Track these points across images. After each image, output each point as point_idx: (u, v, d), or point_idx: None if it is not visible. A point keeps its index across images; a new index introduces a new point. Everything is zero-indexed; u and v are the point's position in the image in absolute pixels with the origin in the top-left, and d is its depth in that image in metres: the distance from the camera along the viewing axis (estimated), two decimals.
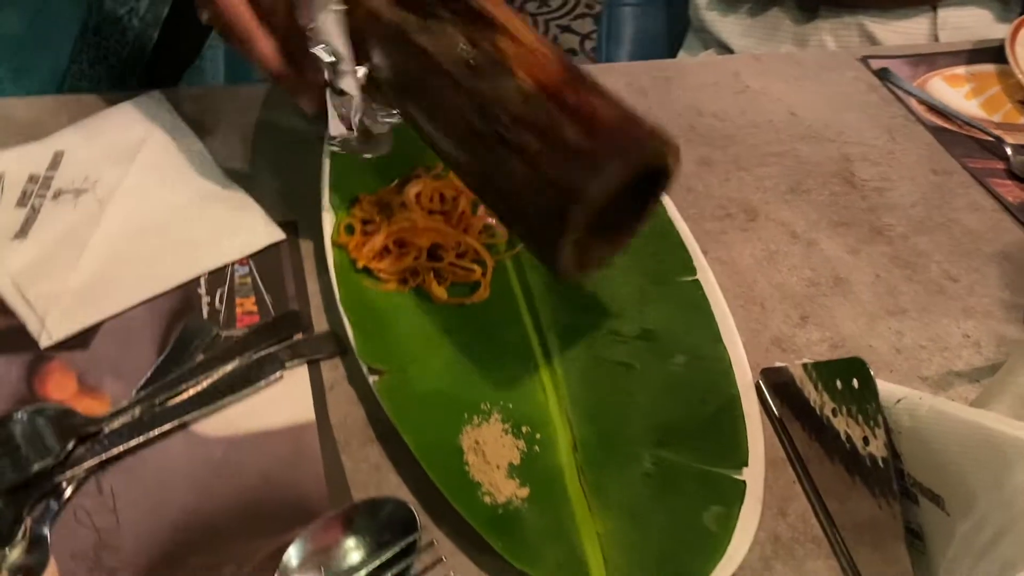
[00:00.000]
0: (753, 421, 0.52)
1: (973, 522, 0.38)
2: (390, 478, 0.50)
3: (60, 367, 0.52)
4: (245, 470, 0.49)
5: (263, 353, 0.54)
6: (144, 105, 0.66)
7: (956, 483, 0.39)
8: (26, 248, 0.56)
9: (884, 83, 0.84)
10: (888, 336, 0.62)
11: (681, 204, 0.68)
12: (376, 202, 0.60)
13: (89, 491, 0.47)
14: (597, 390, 0.53)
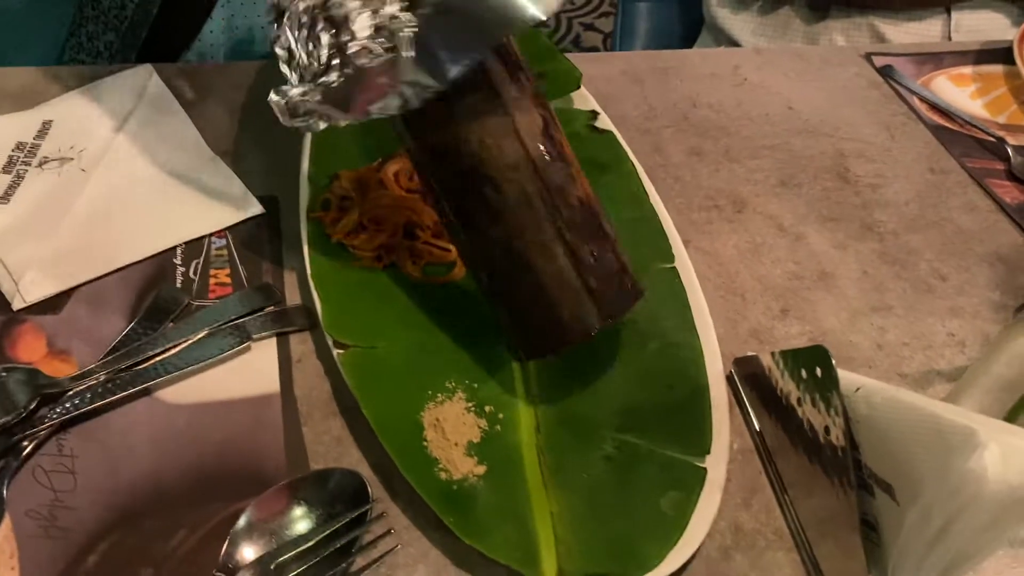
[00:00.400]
0: (720, 410, 0.52)
1: (920, 510, 0.37)
2: (351, 451, 0.49)
3: (31, 329, 0.52)
4: (206, 438, 0.49)
5: (232, 324, 0.54)
6: (134, 78, 0.67)
7: (905, 471, 0.38)
8: (7, 213, 0.57)
9: (887, 80, 0.83)
10: (870, 332, 0.61)
11: (668, 194, 0.68)
12: (355, 179, 0.60)
13: (49, 451, 0.47)
14: (565, 372, 0.53)
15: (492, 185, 0.48)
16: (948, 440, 0.35)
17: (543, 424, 0.51)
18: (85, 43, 0.72)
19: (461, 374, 0.52)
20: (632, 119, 0.74)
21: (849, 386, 0.43)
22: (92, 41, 0.72)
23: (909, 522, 0.38)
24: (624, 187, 0.63)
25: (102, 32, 0.72)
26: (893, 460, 0.39)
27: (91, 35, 0.72)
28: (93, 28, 0.72)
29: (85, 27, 0.72)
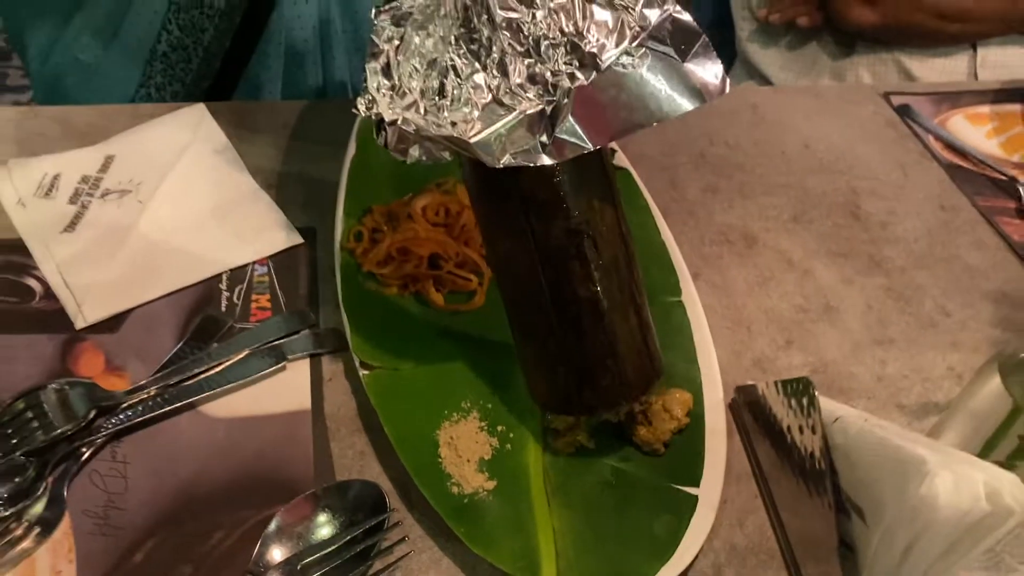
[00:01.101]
0: (717, 436, 0.55)
1: (885, 533, 0.40)
2: (372, 465, 0.54)
3: (91, 347, 0.58)
4: (242, 449, 0.54)
5: (270, 345, 0.59)
6: (189, 116, 0.73)
7: (872, 495, 0.41)
8: (72, 241, 0.63)
9: (903, 119, 0.86)
10: (871, 364, 0.64)
11: (681, 228, 0.71)
12: (386, 212, 0.65)
13: (104, 457, 0.53)
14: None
15: (595, 245, 0.50)
16: (905, 468, 0.38)
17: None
18: (154, 94, 0.79)
19: (476, 396, 0.56)
20: (651, 156, 0.78)
21: (829, 416, 0.46)
22: (160, 92, 0.79)
23: (876, 544, 0.41)
24: (636, 222, 0.67)
25: (168, 83, 0.79)
26: (863, 485, 0.42)
27: (159, 86, 0.79)
28: (161, 80, 0.78)
29: (154, 79, 0.78)
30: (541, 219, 0.50)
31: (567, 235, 0.50)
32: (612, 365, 0.51)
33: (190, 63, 0.77)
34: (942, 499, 0.37)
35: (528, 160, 0.45)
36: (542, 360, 0.53)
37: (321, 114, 0.78)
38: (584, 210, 0.50)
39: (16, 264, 0.62)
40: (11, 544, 0.48)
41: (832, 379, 0.62)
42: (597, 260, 0.50)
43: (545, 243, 0.50)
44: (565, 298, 0.51)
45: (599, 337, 0.51)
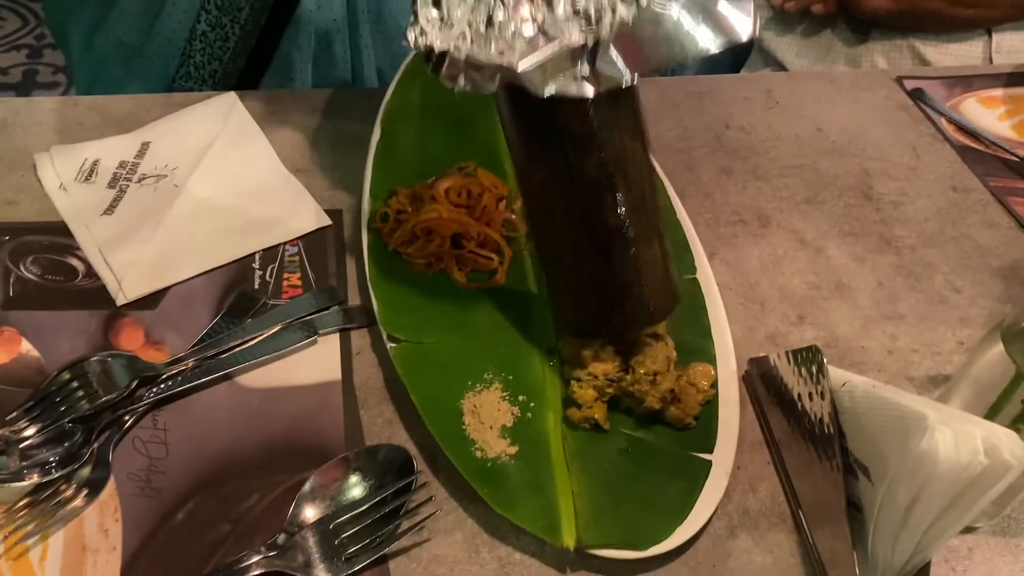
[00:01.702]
0: (731, 406, 0.57)
1: (888, 489, 0.42)
2: (399, 432, 0.57)
3: (131, 322, 0.61)
4: (276, 417, 0.56)
5: (302, 320, 0.62)
6: (221, 104, 0.76)
7: (876, 453, 0.43)
8: (112, 223, 0.66)
9: (916, 103, 0.87)
10: (882, 339, 0.65)
11: (697, 209, 0.73)
12: (410, 195, 0.67)
13: (146, 425, 0.56)
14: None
15: (625, 178, 0.53)
16: (907, 424, 0.40)
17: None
18: (193, 72, 0.82)
19: (498, 367, 0.58)
20: (667, 140, 0.80)
21: (837, 382, 0.48)
22: (199, 70, 0.82)
23: (881, 500, 0.43)
24: None
25: (207, 62, 0.82)
26: (868, 444, 0.44)
27: (198, 65, 0.82)
28: (200, 59, 0.81)
29: (193, 58, 0.81)
30: (577, 152, 0.52)
31: (600, 168, 0.53)
32: (638, 291, 0.55)
33: (227, 42, 0.80)
34: (942, 453, 0.39)
35: (569, 90, 0.48)
36: (572, 288, 0.57)
37: (346, 101, 0.81)
38: (617, 145, 0.53)
39: (60, 245, 0.65)
40: (62, 504, 0.51)
41: (843, 353, 0.64)
42: (627, 192, 0.53)
43: (580, 175, 0.53)
44: (597, 228, 0.54)
45: (627, 265, 0.55)
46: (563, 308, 0.59)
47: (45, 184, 0.69)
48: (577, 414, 0.56)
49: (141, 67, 0.82)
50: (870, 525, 0.45)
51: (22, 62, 2.27)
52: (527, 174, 0.57)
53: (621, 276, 0.55)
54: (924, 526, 0.43)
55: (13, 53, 2.30)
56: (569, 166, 0.53)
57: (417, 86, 0.77)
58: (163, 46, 0.81)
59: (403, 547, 0.50)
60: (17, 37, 2.34)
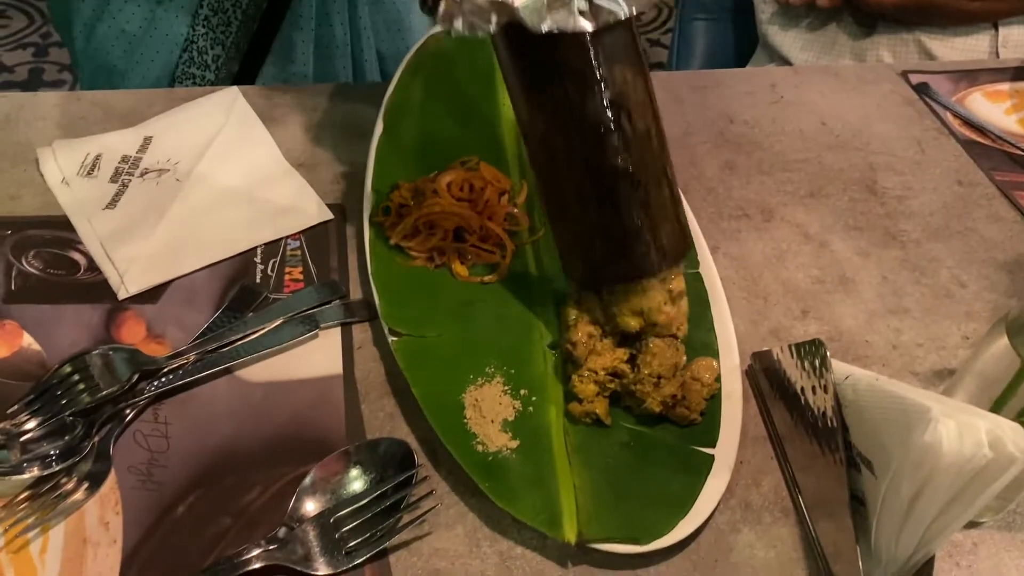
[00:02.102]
0: (733, 399, 0.57)
1: (892, 482, 0.42)
2: (401, 426, 0.56)
3: (133, 316, 0.61)
4: (277, 411, 0.56)
5: (303, 314, 0.61)
6: (223, 99, 0.76)
7: (879, 446, 0.43)
8: (114, 216, 0.66)
9: (921, 97, 0.87)
10: (886, 333, 0.65)
11: (700, 204, 0.73)
12: (412, 188, 0.67)
13: (147, 418, 0.56)
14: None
15: (628, 117, 0.53)
16: (910, 417, 0.40)
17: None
18: (196, 58, 0.82)
19: (500, 361, 0.58)
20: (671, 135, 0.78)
21: (840, 375, 0.47)
22: (202, 55, 0.82)
23: (884, 493, 0.43)
24: None
25: (210, 47, 0.82)
26: (871, 437, 0.44)
27: (201, 50, 0.82)
28: (203, 44, 0.82)
29: (196, 43, 0.82)
30: (578, 90, 0.52)
31: (603, 107, 0.52)
32: (647, 234, 0.54)
33: (229, 26, 0.80)
34: (945, 446, 0.39)
35: (567, 25, 0.48)
36: (579, 235, 0.56)
37: (349, 95, 0.81)
38: (618, 82, 0.52)
39: (62, 239, 0.65)
40: (62, 497, 0.51)
41: (847, 347, 0.64)
42: (631, 132, 0.52)
43: (582, 116, 0.52)
44: (602, 170, 0.53)
45: (634, 207, 0.53)
46: (571, 259, 0.58)
47: (47, 178, 0.69)
48: (578, 408, 0.56)
49: (144, 55, 0.82)
50: (873, 519, 0.45)
51: (28, 60, 2.28)
52: (530, 121, 0.56)
53: (629, 220, 0.54)
54: (928, 520, 0.42)
55: (19, 51, 2.30)
56: (571, 107, 0.52)
57: (420, 80, 0.76)
58: (166, 32, 0.81)
59: (404, 541, 0.50)
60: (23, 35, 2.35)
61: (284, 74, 0.87)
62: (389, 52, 0.94)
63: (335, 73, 0.89)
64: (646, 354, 0.55)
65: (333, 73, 0.89)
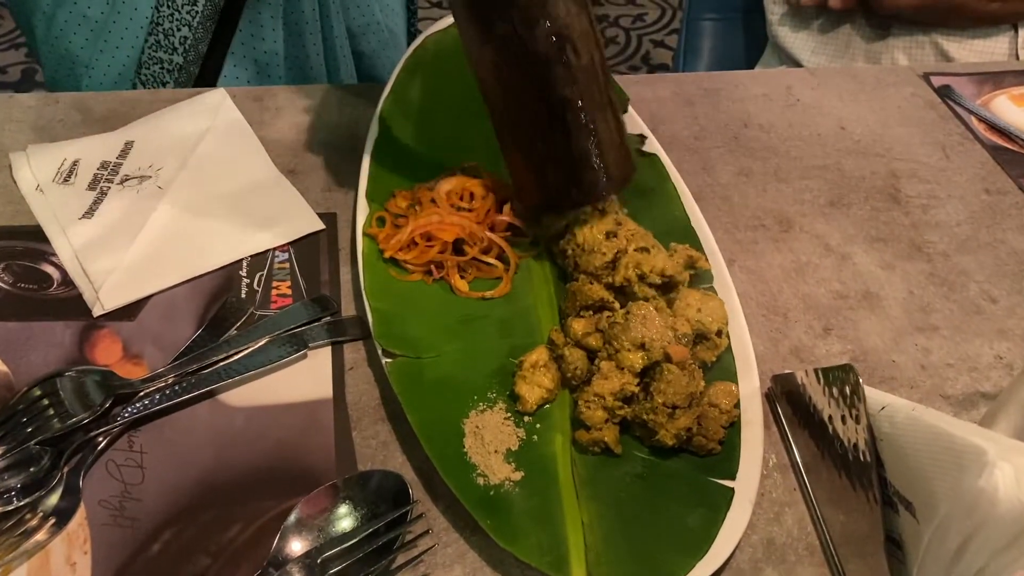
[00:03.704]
0: (754, 427, 0.53)
1: (937, 529, 0.38)
2: (395, 455, 0.52)
3: (108, 335, 0.57)
4: (262, 438, 0.52)
5: (291, 332, 0.57)
6: (209, 101, 0.72)
7: (923, 489, 0.39)
8: (90, 227, 0.62)
9: (944, 100, 0.83)
10: (914, 352, 0.61)
11: (715, 213, 0.69)
12: (409, 197, 0.63)
13: (121, 446, 0.51)
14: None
15: (573, 49, 0.55)
16: (961, 459, 0.36)
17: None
18: (163, 40, 0.79)
19: (503, 385, 0.54)
20: (682, 139, 0.76)
21: (875, 405, 0.43)
22: (168, 38, 0.79)
23: (928, 540, 0.39)
24: (666, 209, 0.65)
25: (177, 29, 0.79)
26: (912, 478, 0.40)
27: (167, 32, 0.79)
28: (169, 25, 0.79)
29: (161, 25, 0.79)
30: (525, 23, 0.54)
31: (549, 39, 0.54)
32: (596, 160, 0.57)
33: (195, 5, 0.78)
34: (1002, 492, 0.35)
35: None
36: (531, 162, 0.59)
37: (343, 97, 0.77)
38: (562, 14, 0.54)
39: (34, 251, 0.61)
40: (26, 535, 0.46)
41: (873, 368, 0.60)
42: (578, 63, 0.55)
43: (531, 47, 0.55)
44: (551, 100, 0.56)
45: (583, 134, 0.57)
46: (524, 185, 0.60)
47: (20, 185, 0.65)
48: (586, 436, 0.51)
49: (109, 42, 0.79)
50: (913, 566, 0.41)
51: (21, 60, 2.24)
52: (480, 55, 0.58)
53: (579, 146, 0.57)
54: (976, 568, 0.38)
55: (12, 51, 2.26)
56: (520, 39, 0.54)
57: (417, 81, 0.72)
58: (129, 16, 0.79)
59: None
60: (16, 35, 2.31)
61: (254, 53, 0.84)
62: (359, 28, 0.92)
63: (305, 51, 0.86)
64: (660, 381, 0.51)
65: (304, 51, 0.86)
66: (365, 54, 0.93)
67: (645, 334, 0.52)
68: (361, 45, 0.93)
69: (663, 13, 2.53)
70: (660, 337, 0.52)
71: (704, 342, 0.56)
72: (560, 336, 0.55)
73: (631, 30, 2.46)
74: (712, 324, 0.56)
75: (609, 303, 0.56)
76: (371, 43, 0.93)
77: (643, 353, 0.52)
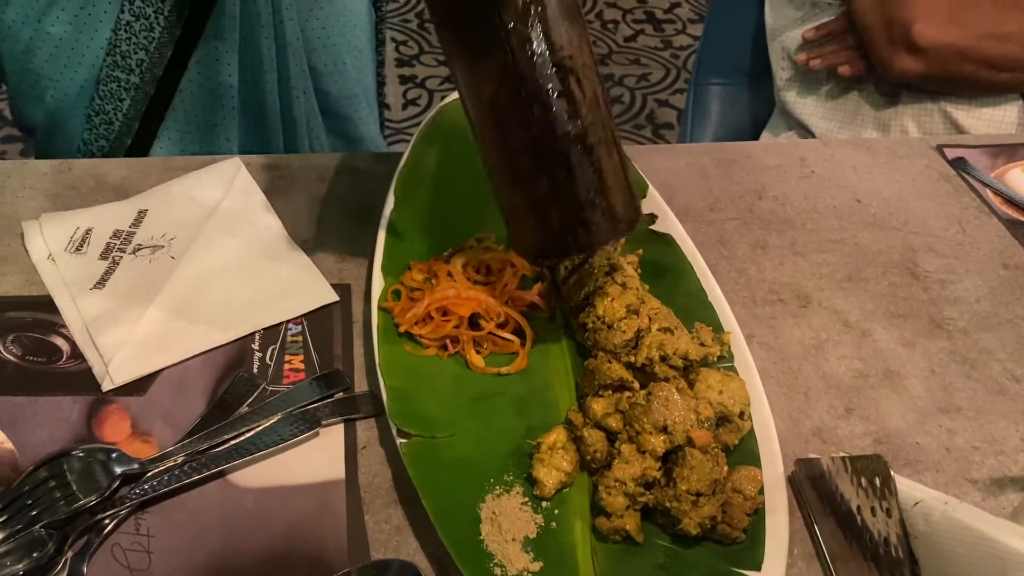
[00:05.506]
0: (779, 513, 0.51)
1: None
2: (409, 541, 0.51)
3: (117, 411, 0.56)
4: (273, 521, 0.51)
5: (303, 409, 0.56)
6: (224, 170, 0.71)
7: None
8: (102, 297, 0.61)
9: (959, 173, 0.82)
10: (938, 434, 0.60)
11: (732, 287, 0.68)
12: (425, 270, 0.62)
13: (127, 529, 0.50)
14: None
15: (577, 80, 0.52)
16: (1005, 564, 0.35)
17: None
18: (120, 61, 0.81)
19: (520, 467, 0.53)
20: (697, 211, 0.75)
21: (907, 499, 0.42)
22: (125, 60, 0.81)
23: None
24: (682, 288, 0.64)
25: (134, 51, 0.80)
26: None
27: (124, 55, 0.81)
28: (126, 48, 0.80)
29: (119, 47, 0.80)
30: (524, 56, 0.51)
31: (552, 71, 0.52)
32: (602, 201, 0.54)
33: (152, 31, 0.79)
34: None
35: None
36: (533, 204, 0.55)
37: (358, 167, 0.76)
38: (565, 45, 0.52)
39: (44, 322, 0.60)
40: None
41: (897, 450, 0.58)
42: (581, 96, 0.52)
43: (532, 81, 0.52)
44: (555, 135, 0.52)
45: (588, 173, 0.53)
46: (523, 229, 0.57)
47: (32, 254, 0.64)
48: (607, 524, 0.50)
49: (71, 59, 0.82)
50: None
51: None
52: (476, 92, 0.55)
53: (584, 185, 0.54)
54: None
55: None
56: (519, 71, 0.51)
57: (434, 152, 0.72)
58: (91, 36, 0.81)
59: None
60: None
61: (210, 83, 0.85)
62: (325, 67, 0.93)
63: (261, 86, 0.87)
64: (683, 467, 0.50)
65: (260, 86, 0.87)
66: (331, 93, 0.95)
67: (667, 417, 0.51)
68: (327, 86, 0.94)
69: (667, 73, 2.55)
70: (683, 420, 0.51)
71: (726, 425, 0.54)
72: (579, 416, 0.54)
73: (636, 89, 2.48)
74: (734, 406, 0.54)
75: (629, 383, 0.55)
76: (337, 82, 0.94)
77: (665, 436, 0.51)
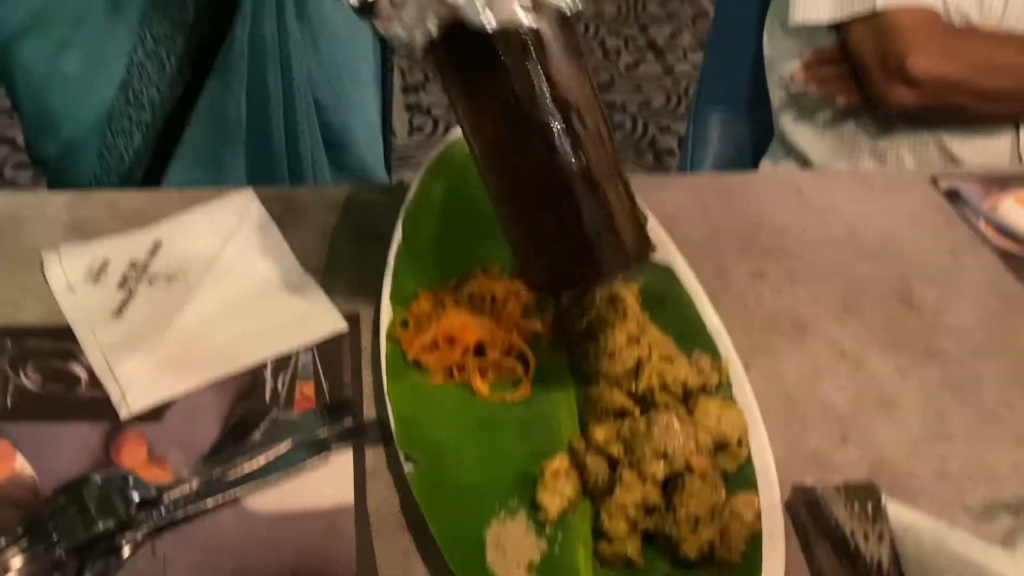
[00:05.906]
0: (775, 539, 0.53)
1: None
2: (417, 567, 0.52)
3: (134, 437, 0.57)
4: (284, 546, 0.52)
5: (314, 436, 0.58)
6: (236, 201, 0.74)
7: None
8: (120, 326, 0.63)
9: (952, 204, 0.84)
10: (932, 461, 0.61)
11: (730, 315, 0.70)
12: (432, 299, 0.64)
13: (144, 554, 0.51)
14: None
15: (579, 116, 0.53)
16: None
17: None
18: (133, 100, 0.83)
19: (524, 492, 0.54)
20: (696, 241, 0.77)
21: (899, 525, 0.44)
22: (138, 98, 0.83)
23: None
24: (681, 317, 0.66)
25: (146, 90, 0.83)
26: None
27: (137, 93, 0.83)
28: (139, 86, 0.83)
29: (132, 86, 0.83)
30: (526, 92, 0.52)
31: (554, 107, 0.52)
32: (609, 235, 0.54)
33: (164, 70, 0.82)
34: None
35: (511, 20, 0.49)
36: (540, 240, 0.56)
37: (367, 199, 0.79)
38: (565, 79, 0.52)
39: (63, 351, 0.62)
40: None
41: (892, 478, 0.60)
42: (584, 131, 0.53)
43: (534, 119, 0.52)
44: (560, 171, 0.53)
45: (595, 207, 0.54)
46: (531, 263, 0.58)
47: (52, 284, 0.66)
48: (608, 549, 0.52)
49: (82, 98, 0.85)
50: None
51: None
52: (478, 130, 0.56)
53: (591, 219, 0.54)
54: None
55: None
56: (521, 109, 0.52)
57: (441, 184, 0.74)
58: (103, 75, 0.83)
59: None
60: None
61: (219, 118, 0.88)
62: (329, 101, 0.95)
63: (267, 120, 0.90)
64: (682, 492, 0.51)
65: (267, 121, 0.90)
66: (334, 125, 0.98)
67: (667, 443, 0.53)
68: (330, 117, 0.97)
69: (669, 99, 2.59)
70: (682, 447, 0.53)
71: (725, 451, 0.56)
72: (581, 443, 0.56)
73: (637, 116, 2.52)
74: (733, 433, 0.56)
75: (629, 410, 0.57)
76: (341, 115, 0.97)
77: (665, 463, 0.53)
